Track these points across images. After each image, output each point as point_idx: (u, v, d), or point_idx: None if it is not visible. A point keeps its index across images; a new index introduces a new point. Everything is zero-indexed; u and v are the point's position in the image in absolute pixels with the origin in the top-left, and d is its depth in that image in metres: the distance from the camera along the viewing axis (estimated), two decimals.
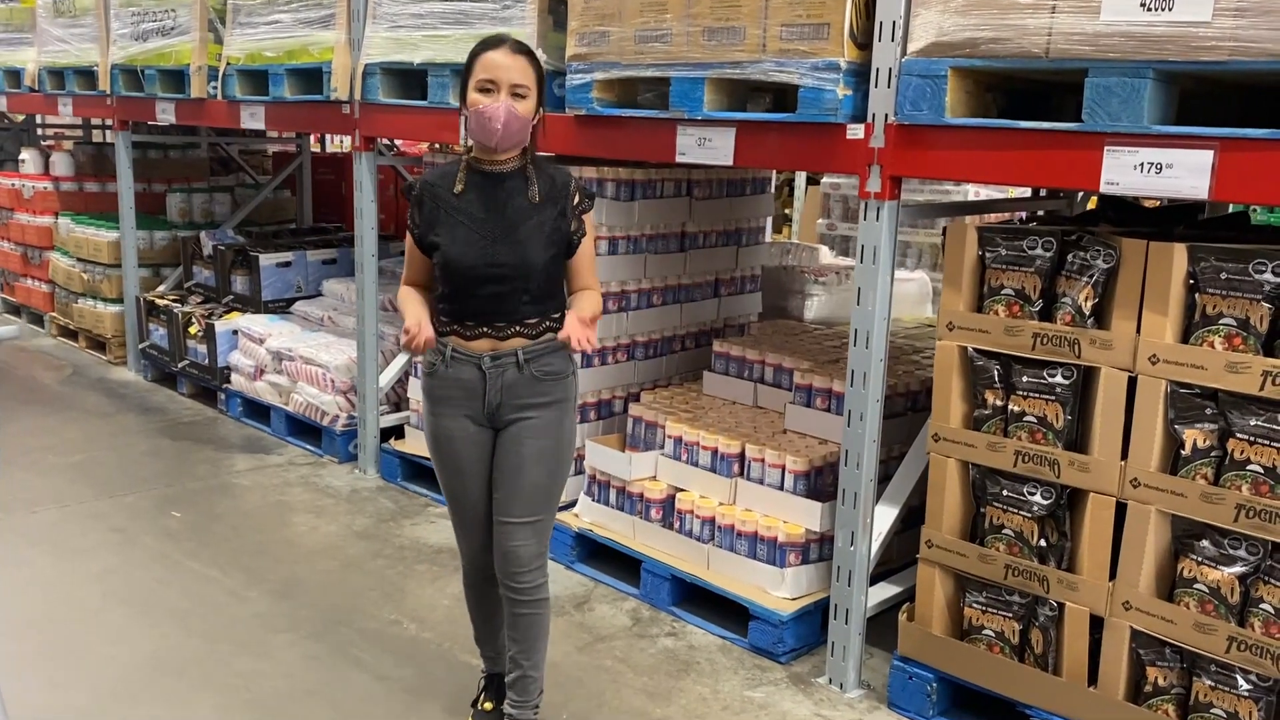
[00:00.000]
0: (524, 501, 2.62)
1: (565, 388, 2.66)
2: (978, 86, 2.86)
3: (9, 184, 7.67)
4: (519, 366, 2.56)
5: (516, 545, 2.64)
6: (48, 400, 5.95)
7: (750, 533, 3.52)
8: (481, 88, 2.47)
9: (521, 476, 2.61)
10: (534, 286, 2.55)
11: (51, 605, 3.57)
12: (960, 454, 2.95)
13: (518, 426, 2.60)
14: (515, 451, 2.61)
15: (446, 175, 2.60)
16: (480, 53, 2.50)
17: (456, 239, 2.53)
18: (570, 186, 2.61)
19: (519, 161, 2.58)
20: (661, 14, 3.36)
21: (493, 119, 2.46)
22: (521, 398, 2.58)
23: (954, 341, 2.93)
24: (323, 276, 6.13)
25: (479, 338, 2.57)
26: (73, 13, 6.43)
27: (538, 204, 2.55)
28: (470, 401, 2.59)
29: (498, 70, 2.46)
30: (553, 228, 2.56)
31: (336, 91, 4.60)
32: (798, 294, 5.22)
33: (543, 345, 2.59)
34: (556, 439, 2.64)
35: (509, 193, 2.56)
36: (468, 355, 2.57)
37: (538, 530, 2.66)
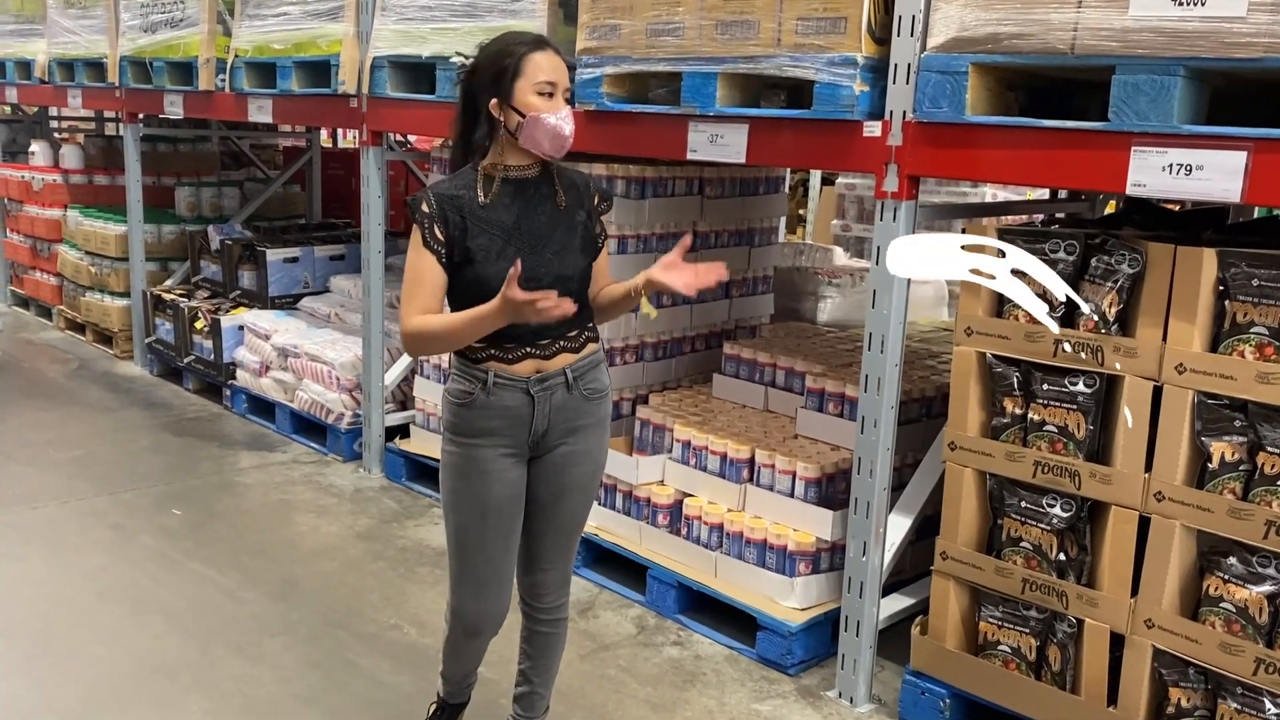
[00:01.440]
0: (557, 530, 2.48)
1: (607, 405, 2.49)
2: (999, 83, 2.77)
3: (19, 176, 7.63)
4: (568, 386, 2.36)
5: (548, 571, 2.52)
6: (52, 394, 5.90)
7: (759, 540, 3.43)
8: (542, 91, 2.26)
9: (561, 505, 2.45)
10: (573, 297, 2.25)
11: (44, 604, 3.50)
12: (977, 463, 2.85)
13: (560, 454, 2.41)
14: (557, 480, 2.42)
15: (464, 185, 2.33)
16: (528, 53, 2.27)
17: (490, 254, 2.28)
18: (590, 187, 2.46)
19: (544, 167, 2.38)
20: (674, 7, 3.27)
21: (563, 125, 2.26)
22: (569, 420, 2.39)
23: (972, 347, 2.84)
24: (330, 272, 6.06)
25: (522, 359, 2.33)
26: (83, 4, 6.38)
27: (565, 210, 2.37)
28: (515, 431, 2.35)
29: (555, 73, 2.27)
30: (583, 232, 2.39)
31: (344, 85, 4.53)
32: (811, 296, 5.12)
33: (588, 360, 2.41)
34: (597, 464, 2.49)
35: (537, 200, 2.36)
36: (512, 380, 2.32)
37: (568, 555, 2.55)
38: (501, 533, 2.40)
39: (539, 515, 2.46)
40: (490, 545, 2.40)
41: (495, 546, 2.41)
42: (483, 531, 2.39)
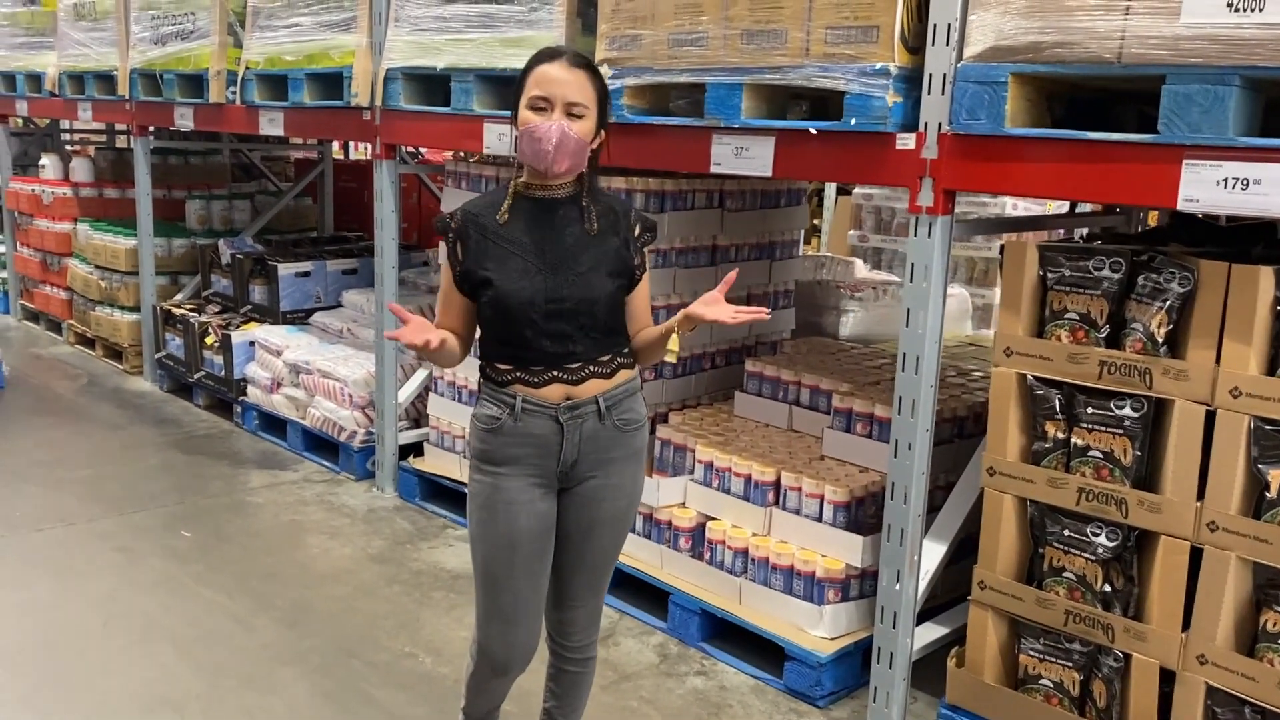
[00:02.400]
0: (589, 569, 2.38)
1: (642, 437, 2.37)
2: (1039, 94, 2.66)
3: (29, 189, 7.57)
4: (600, 416, 2.26)
5: (577, 608, 2.42)
6: (61, 411, 5.81)
7: (786, 566, 3.32)
8: (534, 105, 2.17)
9: (592, 540, 2.34)
10: (600, 321, 2.25)
11: (49, 632, 3.41)
12: (1017, 489, 2.73)
13: (592, 486, 2.31)
14: (588, 514, 2.32)
15: (490, 204, 2.29)
16: (534, 65, 2.20)
17: (510, 273, 2.21)
18: (631, 216, 2.33)
19: (573, 188, 2.28)
20: (697, 16, 3.17)
21: (543, 140, 2.15)
22: (601, 452, 2.29)
23: (1012, 368, 2.72)
24: (343, 287, 5.97)
25: (549, 383, 2.24)
26: (93, 16, 6.32)
27: (596, 234, 2.26)
28: (543, 460, 2.26)
29: (552, 86, 2.16)
30: (616, 258, 2.27)
31: (357, 97, 4.44)
32: (833, 310, 5.00)
33: (621, 389, 2.30)
34: (630, 498, 2.37)
35: (563, 221, 2.26)
36: (540, 405, 2.23)
37: (598, 592, 2.44)
38: (530, 567, 2.30)
39: (568, 550, 2.36)
40: (518, 580, 2.30)
41: (523, 581, 2.30)
42: (510, 565, 2.28)
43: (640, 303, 2.37)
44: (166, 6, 5.60)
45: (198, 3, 5.39)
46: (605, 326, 2.27)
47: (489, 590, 2.32)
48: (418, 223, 7.85)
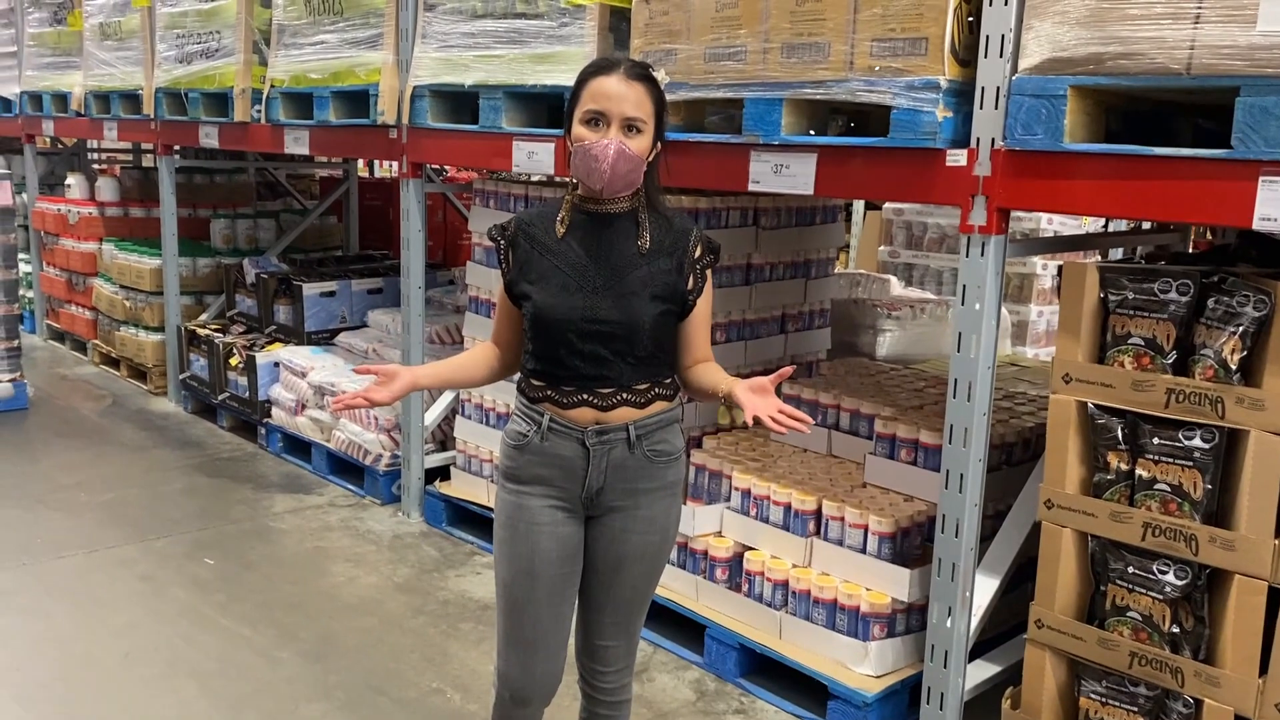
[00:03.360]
0: (617, 603, 2.27)
1: (677, 469, 2.25)
2: (1098, 108, 2.53)
3: (55, 209, 7.55)
4: (629, 445, 2.16)
5: (607, 647, 2.30)
6: (85, 433, 5.75)
7: (829, 600, 3.18)
8: (588, 119, 2.07)
9: (620, 576, 2.23)
10: (640, 347, 2.14)
11: (68, 665, 3.31)
12: (1077, 524, 2.59)
13: (620, 517, 2.20)
14: (616, 548, 2.22)
15: (546, 215, 2.22)
16: (589, 78, 2.10)
17: (550, 288, 2.14)
18: (690, 236, 2.20)
19: (631, 203, 2.17)
20: (735, 29, 3.06)
21: (599, 159, 2.05)
22: (629, 482, 2.18)
23: (1071, 396, 2.58)
24: (368, 306, 5.89)
25: (578, 405, 2.15)
26: (119, 35, 6.30)
27: (647, 253, 2.15)
28: (568, 483, 2.17)
29: (608, 100, 2.05)
30: (664, 281, 2.15)
31: (384, 115, 4.36)
32: (869, 329, 4.87)
33: (655, 419, 2.18)
34: (662, 532, 2.24)
35: (615, 237, 2.16)
36: (568, 427, 2.15)
37: (630, 629, 2.31)
38: (551, 594, 2.21)
39: (596, 585, 2.25)
40: (538, 605, 2.21)
41: (543, 608, 2.21)
42: (530, 589, 2.20)
43: (695, 331, 2.23)
44: (192, 25, 5.56)
45: (223, 21, 5.34)
46: (646, 353, 2.15)
47: (509, 614, 2.24)
48: (443, 241, 7.78)
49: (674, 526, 2.28)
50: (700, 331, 2.24)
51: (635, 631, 2.32)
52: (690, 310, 2.20)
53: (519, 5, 3.77)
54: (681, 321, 2.21)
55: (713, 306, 3.61)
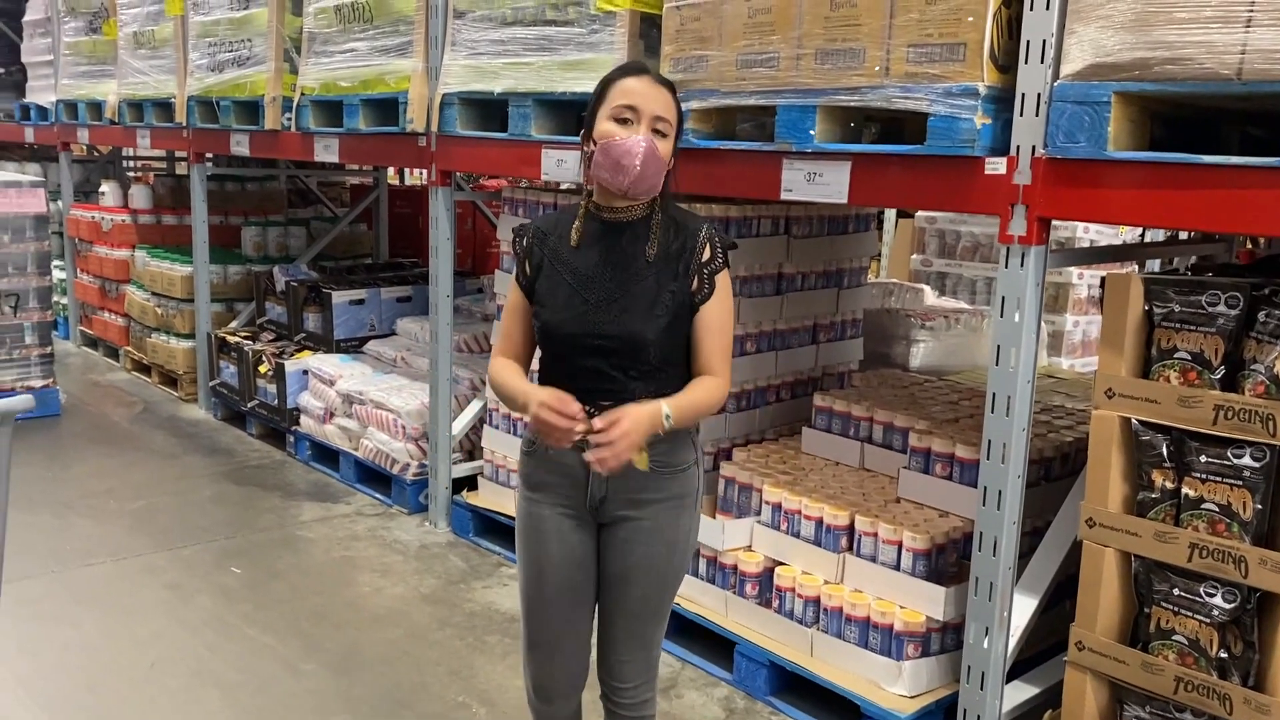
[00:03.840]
0: (628, 615, 2.24)
1: (686, 481, 2.20)
2: (1143, 114, 2.45)
3: (89, 216, 7.61)
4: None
5: (622, 661, 2.27)
6: (115, 440, 5.77)
7: (861, 618, 3.11)
8: (618, 116, 2.05)
9: (629, 588, 2.21)
10: (644, 361, 2.11)
11: (95, 674, 3.30)
12: (1120, 543, 2.51)
13: (626, 528, 2.18)
14: (622, 559, 2.20)
15: (561, 222, 2.21)
16: (616, 79, 2.10)
17: (557, 301, 2.14)
18: (699, 238, 2.14)
19: (645, 210, 2.15)
20: (768, 35, 3.01)
21: (630, 154, 2.02)
22: (632, 493, 2.16)
23: (1114, 411, 2.51)
24: (397, 314, 5.88)
25: None
26: (152, 44, 6.33)
27: (653, 262, 2.12)
28: (573, 491, 2.18)
29: (640, 99, 2.05)
30: (670, 290, 2.11)
31: (413, 123, 4.34)
32: (902, 340, 4.79)
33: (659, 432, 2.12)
34: (670, 544, 2.20)
35: (627, 246, 2.14)
36: None
37: (646, 643, 2.28)
38: (561, 598, 2.24)
39: (607, 595, 2.25)
40: (549, 608, 2.25)
41: (554, 611, 2.25)
42: (540, 591, 2.25)
43: (701, 338, 2.15)
44: (223, 33, 5.58)
45: (254, 29, 5.35)
46: (651, 366, 2.12)
47: (525, 615, 2.30)
48: (472, 249, 7.78)
49: (685, 539, 2.23)
50: (706, 340, 2.15)
51: (652, 646, 2.29)
52: (695, 312, 2.14)
53: (549, 12, 3.74)
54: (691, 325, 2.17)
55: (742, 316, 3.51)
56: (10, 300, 5.92)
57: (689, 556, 2.29)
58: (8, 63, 9.10)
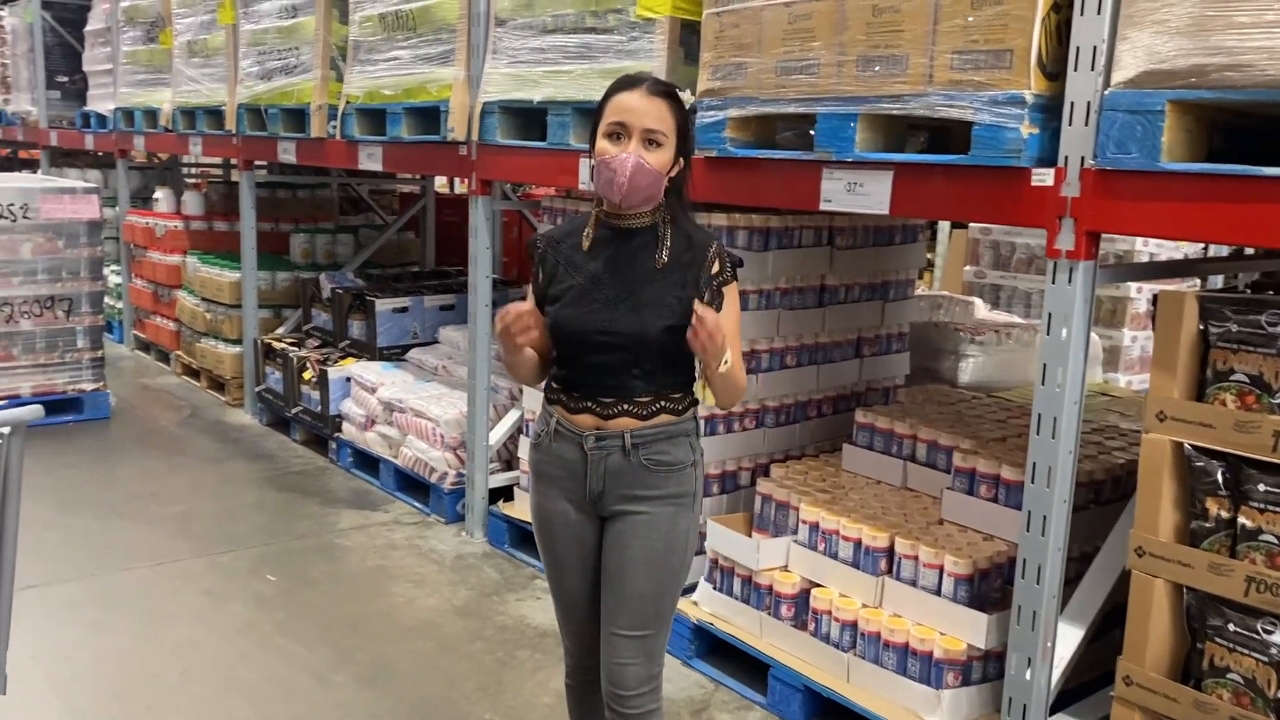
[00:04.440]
0: (629, 613, 2.25)
1: (682, 480, 2.27)
2: (1199, 124, 2.34)
3: (143, 222, 7.73)
4: (625, 452, 2.22)
5: (623, 663, 2.26)
6: (161, 443, 5.83)
7: (900, 644, 3.01)
8: (610, 133, 2.15)
9: (626, 583, 2.25)
10: (647, 361, 2.21)
11: (124, 680, 3.31)
12: (1171, 574, 2.39)
13: (624, 522, 2.25)
14: (620, 553, 2.26)
15: (574, 230, 2.31)
16: (613, 94, 2.18)
17: (569, 300, 2.23)
18: (710, 251, 2.23)
19: (651, 218, 2.23)
20: (808, 42, 2.93)
21: (617, 172, 2.12)
22: (628, 488, 2.24)
23: (1166, 435, 2.39)
24: (440, 323, 5.87)
25: (583, 412, 2.25)
26: (205, 53, 6.41)
27: (663, 268, 2.20)
28: (573, 484, 2.27)
29: (629, 114, 2.13)
30: (676, 296, 2.18)
31: (453, 132, 4.32)
32: (950, 355, 4.67)
33: (655, 429, 2.23)
34: (668, 541, 2.25)
35: (636, 252, 2.22)
36: (571, 430, 2.26)
37: (647, 647, 2.26)
38: (582, 582, 2.34)
39: (608, 592, 2.29)
40: (572, 593, 2.36)
41: (567, 599, 2.38)
42: (560, 578, 2.37)
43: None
44: (272, 41, 5.62)
45: (302, 37, 5.39)
46: (654, 366, 2.21)
47: (555, 599, 2.42)
48: (518, 258, 7.76)
49: (682, 537, 2.27)
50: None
51: (655, 652, 2.28)
52: None
53: (589, 19, 3.69)
54: None
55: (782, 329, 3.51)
56: (64, 304, 6.01)
57: (688, 559, 2.31)
58: (71, 71, 9.30)
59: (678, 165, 2.21)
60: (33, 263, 5.87)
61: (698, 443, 2.31)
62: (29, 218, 5.81)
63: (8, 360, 5.87)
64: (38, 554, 4.20)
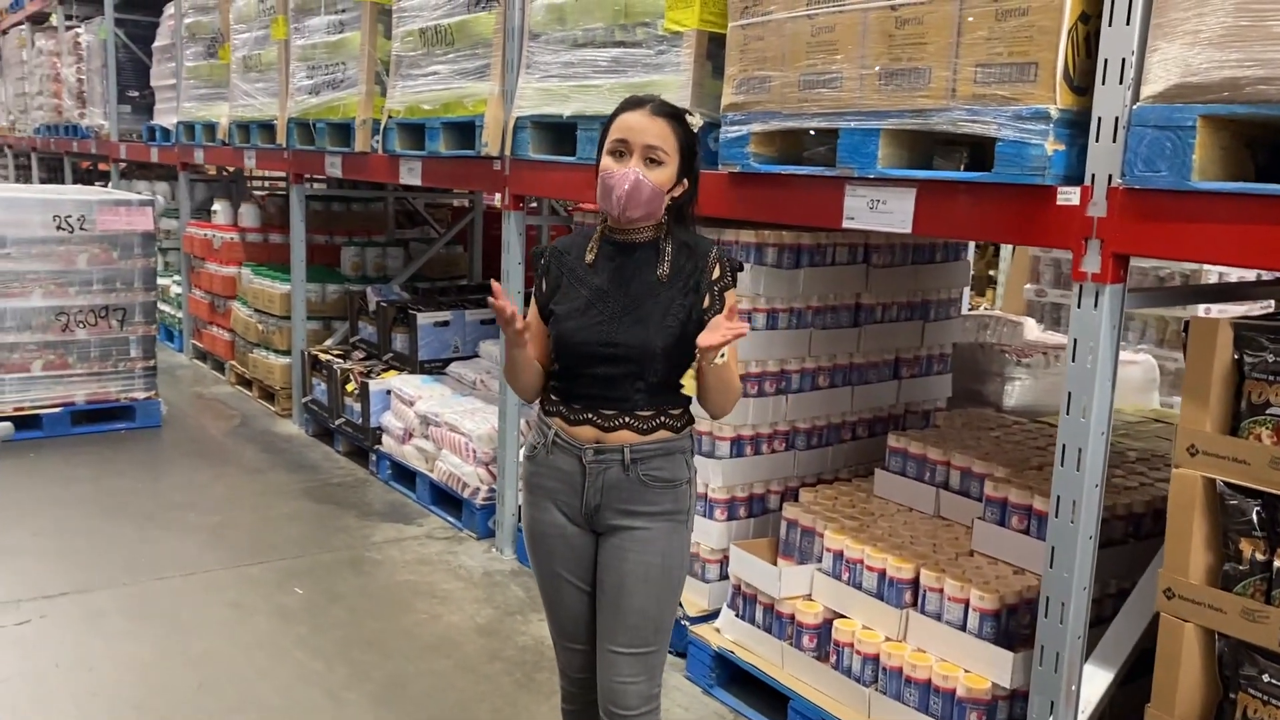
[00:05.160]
0: (628, 630, 2.24)
1: (678, 498, 2.28)
2: (1236, 141, 2.20)
3: (202, 234, 7.88)
4: (624, 467, 2.22)
5: (623, 682, 2.24)
6: (208, 452, 5.91)
7: (922, 680, 2.88)
8: (613, 150, 2.20)
9: (624, 598, 2.24)
10: (650, 374, 2.22)
11: (143, 691, 3.32)
12: (1202, 619, 2.24)
13: (621, 537, 2.25)
14: (617, 568, 2.26)
15: (577, 243, 2.34)
16: (616, 114, 2.24)
17: (573, 312, 2.25)
18: (709, 258, 2.26)
19: (654, 233, 2.27)
20: (831, 55, 2.84)
21: (615, 186, 2.17)
22: (625, 503, 2.24)
23: (1197, 471, 2.24)
24: (481, 337, 5.87)
25: (583, 424, 2.26)
26: (259, 67, 6.51)
27: (666, 281, 2.24)
28: (570, 497, 2.28)
29: (631, 132, 2.18)
30: (680, 306, 2.22)
31: (487, 146, 4.31)
32: (996, 377, 4.51)
33: (654, 445, 2.25)
34: (663, 557, 2.26)
35: (638, 266, 2.26)
36: (570, 443, 2.26)
37: (647, 665, 2.25)
38: (576, 596, 2.32)
39: (605, 608, 2.26)
40: (560, 609, 2.36)
41: (563, 615, 2.36)
42: (556, 591, 2.35)
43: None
44: (320, 56, 5.68)
45: (348, 52, 5.43)
46: (657, 379, 2.23)
47: (547, 612, 2.41)
48: None
49: (679, 556, 2.28)
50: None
51: (654, 671, 2.26)
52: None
53: (618, 33, 3.64)
54: None
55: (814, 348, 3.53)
56: (118, 314, 6.14)
57: (683, 576, 2.32)
58: (141, 86, 9.56)
59: (681, 185, 2.24)
60: (89, 273, 6.01)
61: (693, 460, 2.32)
62: (85, 229, 5.95)
63: (64, 368, 6.01)
64: (74, 562, 4.27)
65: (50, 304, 5.91)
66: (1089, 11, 2.34)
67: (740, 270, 2.29)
